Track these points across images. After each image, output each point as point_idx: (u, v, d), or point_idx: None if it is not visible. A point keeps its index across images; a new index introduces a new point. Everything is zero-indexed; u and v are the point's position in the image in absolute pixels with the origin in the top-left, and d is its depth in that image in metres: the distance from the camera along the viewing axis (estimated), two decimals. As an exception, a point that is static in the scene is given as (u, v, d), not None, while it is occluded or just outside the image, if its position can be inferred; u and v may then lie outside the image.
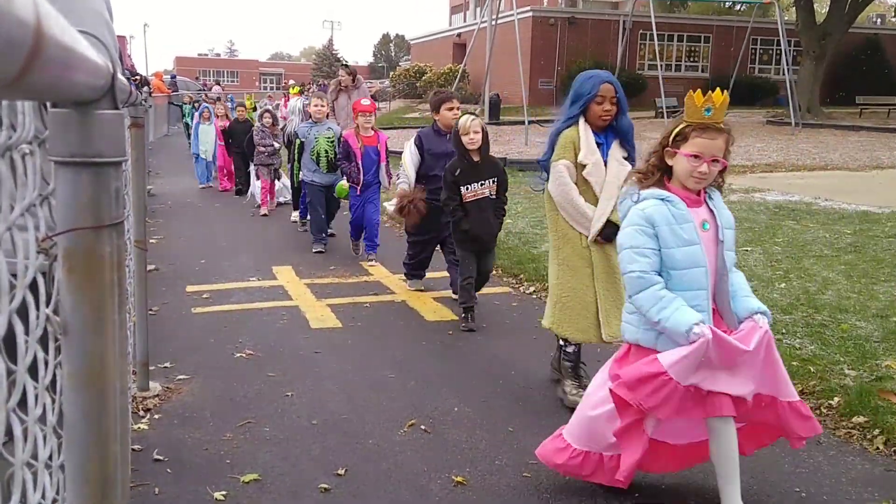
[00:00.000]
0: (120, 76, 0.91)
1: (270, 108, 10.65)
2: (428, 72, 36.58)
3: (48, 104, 0.85)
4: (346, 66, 10.39)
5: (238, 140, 11.28)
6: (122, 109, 0.90)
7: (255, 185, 10.56)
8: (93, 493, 0.92)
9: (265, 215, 10.01)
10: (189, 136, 16.44)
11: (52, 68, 0.58)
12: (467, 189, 5.08)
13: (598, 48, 33.20)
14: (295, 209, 9.50)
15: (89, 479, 0.92)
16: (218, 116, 12.91)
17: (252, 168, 10.66)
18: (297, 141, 7.98)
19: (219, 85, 40.41)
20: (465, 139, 5.06)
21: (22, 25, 0.49)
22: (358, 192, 7.13)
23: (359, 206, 7.24)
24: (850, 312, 5.17)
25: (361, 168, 7.05)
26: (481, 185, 5.10)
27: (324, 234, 7.92)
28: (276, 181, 10.41)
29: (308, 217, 8.36)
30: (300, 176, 8.27)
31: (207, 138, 12.65)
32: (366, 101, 7.36)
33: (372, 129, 7.19)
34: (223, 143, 12.37)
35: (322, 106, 8.03)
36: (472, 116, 5.24)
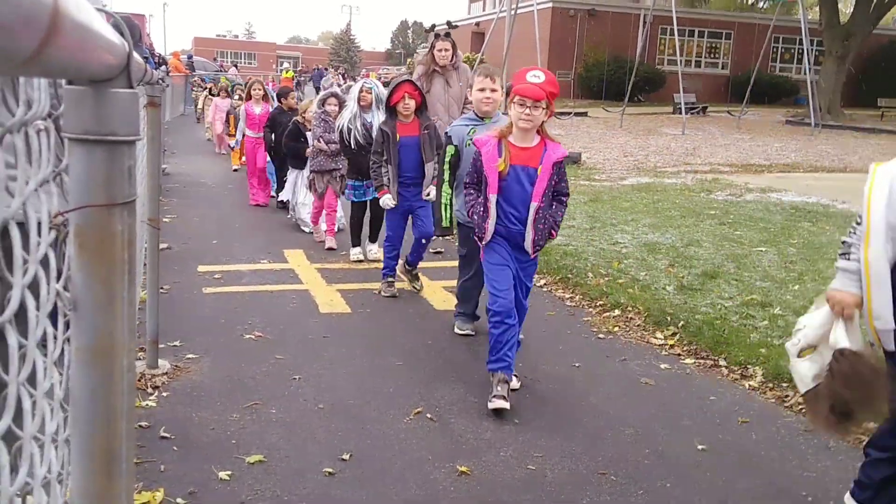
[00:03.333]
0: (136, 55, 0.91)
1: (337, 90, 7.61)
2: (446, 60, 36.46)
3: (63, 81, 0.85)
4: (448, 34, 7.00)
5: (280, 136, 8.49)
6: (137, 88, 0.90)
7: (301, 204, 8.12)
8: (98, 468, 0.93)
9: (332, 249, 7.15)
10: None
11: (68, 46, 0.58)
12: None
13: (618, 41, 33.04)
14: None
15: (95, 453, 0.92)
16: (251, 98, 9.79)
17: (298, 177, 8.18)
18: (451, 148, 4.58)
19: (235, 67, 40.26)
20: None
21: (39, 2, 0.49)
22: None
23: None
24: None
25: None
26: None
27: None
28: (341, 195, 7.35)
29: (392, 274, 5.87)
30: (452, 212, 4.75)
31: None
32: (536, 78, 3.69)
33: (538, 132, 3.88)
34: (255, 137, 9.46)
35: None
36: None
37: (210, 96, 16.64)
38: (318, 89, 22.30)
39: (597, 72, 33.04)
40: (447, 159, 4.60)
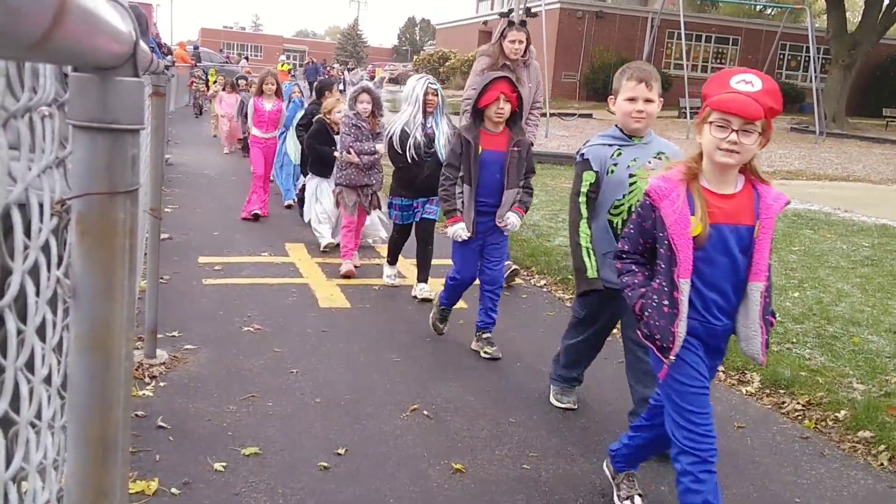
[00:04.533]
0: (142, 44, 0.91)
1: (370, 85, 6.71)
2: (452, 58, 36.48)
3: (69, 68, 0.85)
4: (524, 23, 6.52)
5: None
6: (142, 77, 0.90)
7: (319, 219, 7.03)
8: (93, 455, 0.93)
9: (349, 276, 5.99)
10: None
11: (75, 31, 0.58)
12: None
13: (625, 44, 33.02)
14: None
15: (90, 441, 0.93)
16: (262, 94, 8.17)
17: (318, 187, 7.08)
18: (589, 175, 3.36)
19: (246, 60, 40.11)
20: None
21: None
22: None
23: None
24: (863, 326, 5.13)
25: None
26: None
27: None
28: (373, 212, 6.46)
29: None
30: (595, 260, 3.34)
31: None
32: (749, 85, 2.51)
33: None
34: (264, 137, 8.14)
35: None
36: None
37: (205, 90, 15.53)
38: (311, 85, 21.79)
39: (603, 74, 32.99)
40: (584, 190, 3.32)
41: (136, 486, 2.82)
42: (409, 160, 5.26)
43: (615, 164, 3.31)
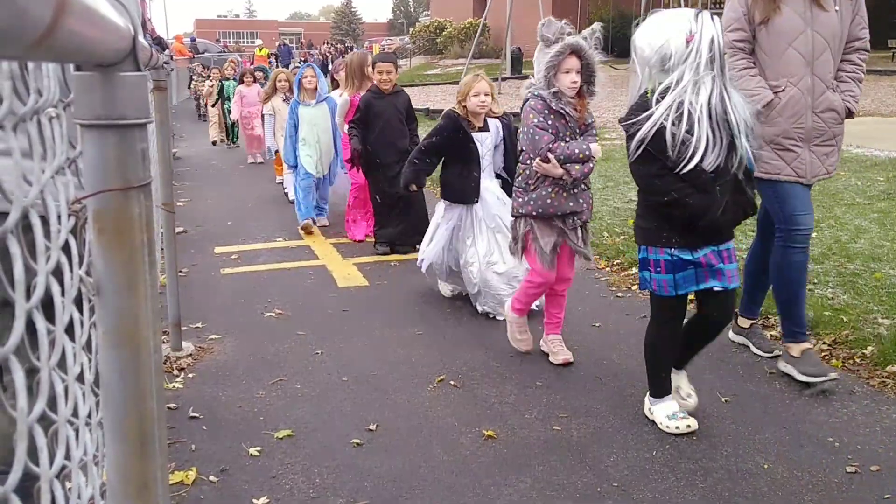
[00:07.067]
0: (141, 38, 0.91)
1: (581, 42, 3.74)
2: (448, 27, 36.14)
3: (71, 68, 0.85)
4: None
5: (380, 138, 5.84)
6: (144, 71, 0.90)
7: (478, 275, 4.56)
8: (131, 449, 0.95)
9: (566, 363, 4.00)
10: (228, 123, 12.63)
11: (75, 28, 0.58)
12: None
13: (621, 1, 32.54)
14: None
15: (127, 434, 0.94)
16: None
17: (466, 218, 4.64)
18: None
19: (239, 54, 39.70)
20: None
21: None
22: None
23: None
24: (884, 261, 5.10)
25: None
26: None
27: None
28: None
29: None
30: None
31: (315, 133, 6.83)
32: None
33: None
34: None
35: None
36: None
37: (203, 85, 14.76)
38: (287, 67, 21.10)
39: (603, 31, 32.63)
40: None
41: (175, 476, 2.86)
42: (697, 178, 2.85)
43: None
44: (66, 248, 0.95)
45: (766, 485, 2.80)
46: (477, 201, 4.57)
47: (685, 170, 2.83)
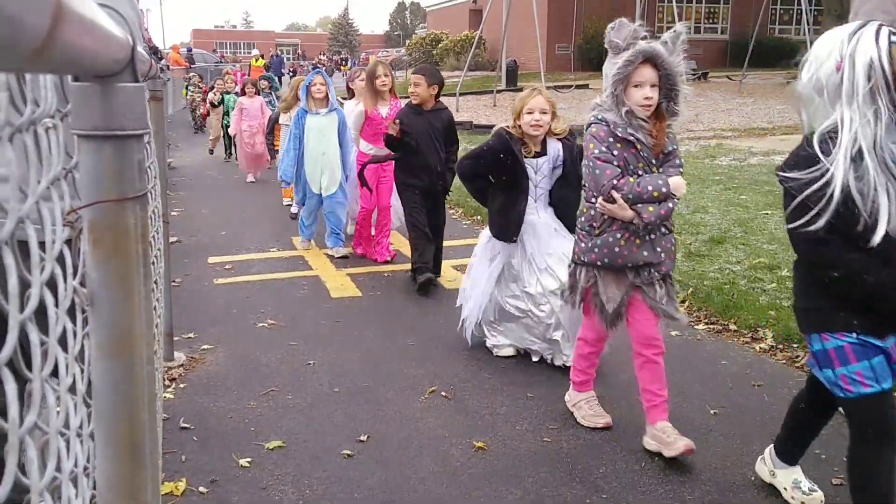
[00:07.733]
0: (140, 49, 0.91)
1: (650, 43, 3.00)
2: (444, 39, 36.28)
3: (69, 78, 0.86)
4: None
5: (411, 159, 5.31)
6: (142, 82, 0.90)
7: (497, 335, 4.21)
8: (122, 460, 0.94)
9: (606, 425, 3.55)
10: (228, 140, 12.05)
11: (72, 39, 0.59)
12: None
13: (617, 11, 32.62)
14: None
15: (118, 445, 0.94)
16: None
17: (515, 268, 4.06)
18: None
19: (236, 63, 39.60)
20: None
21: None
22: None
23: None
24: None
25: None
26: None
27: None
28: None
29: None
30: None
31: (322, 145, 6.37)
32: None
33: None
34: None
35: None
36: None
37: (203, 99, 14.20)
38: (279, 79, 21.07)
39: (596, 43, 32.76)
40: None
41: (165, 487, 2.85)
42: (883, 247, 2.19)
43: None
44: (60, 259, 0.95)
45: (754, 497, 2.81)
46: (515, 240, 3.98)
47: (874, 241, 2.13)
